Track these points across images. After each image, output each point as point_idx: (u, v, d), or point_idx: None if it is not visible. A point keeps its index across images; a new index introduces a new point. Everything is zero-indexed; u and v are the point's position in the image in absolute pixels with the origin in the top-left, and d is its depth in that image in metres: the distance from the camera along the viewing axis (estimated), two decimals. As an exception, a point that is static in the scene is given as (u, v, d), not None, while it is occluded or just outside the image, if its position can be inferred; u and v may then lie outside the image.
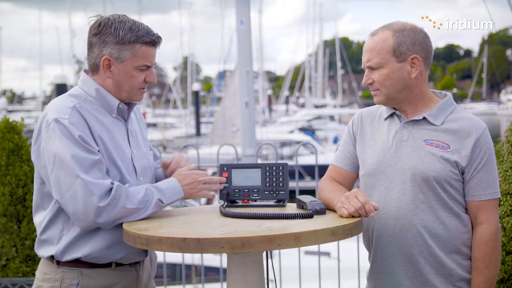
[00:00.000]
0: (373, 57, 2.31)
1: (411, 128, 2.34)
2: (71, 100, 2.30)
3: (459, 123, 2.31)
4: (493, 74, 65.22)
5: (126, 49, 2.28)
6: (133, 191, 2.23)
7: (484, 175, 2.27)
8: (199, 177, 2.37)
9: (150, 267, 2.51)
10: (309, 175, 16.53)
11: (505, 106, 42.49)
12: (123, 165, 2.32)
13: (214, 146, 17.60)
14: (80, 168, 2.16)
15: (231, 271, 2.19)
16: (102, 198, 2.15)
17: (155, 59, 2.37)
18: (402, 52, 2.29)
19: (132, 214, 2.21)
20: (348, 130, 2.54)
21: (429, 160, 2.27)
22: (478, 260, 2.28)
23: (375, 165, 2.37)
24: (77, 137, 2.19)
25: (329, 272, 4.97)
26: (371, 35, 2.35)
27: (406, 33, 2.30)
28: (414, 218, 2.28)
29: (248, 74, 10.18)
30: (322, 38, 48.89)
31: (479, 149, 2.26)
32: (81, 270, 2.28)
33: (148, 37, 2.30)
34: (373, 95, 2.37)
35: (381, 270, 2.37)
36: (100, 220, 2.16)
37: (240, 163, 2.55)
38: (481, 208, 2.28)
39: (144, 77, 2.34)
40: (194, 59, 42.81)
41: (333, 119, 33.55)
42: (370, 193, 2.38)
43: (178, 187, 2.33)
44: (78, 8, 77.07)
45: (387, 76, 2.30)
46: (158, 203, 2.27)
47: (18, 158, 3.68)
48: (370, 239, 2.41)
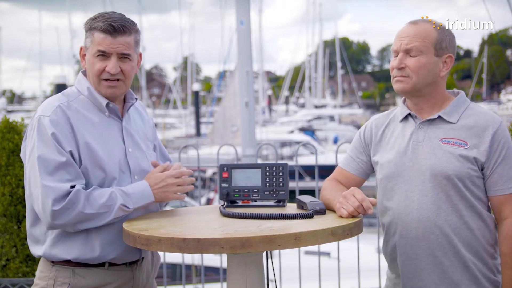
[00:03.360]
0: (416, 42, 2.28)
1: (426, 128, 2.33)
2: (59, 99, 2.34)
3: (474, 119, 2.30)
4: (493, 74, 65.19)
5: (88, 37, 2.33)
6: (96, 195, 2.22)
7: (504, 169, 2.25)
8: (171, 179, 2.35)
9: (150, 268, 2.51)
10: (309, 175, 16.53)
11: (505, 106, 42.51)
12: (111, 163, 2.32)
13: (214, 146, 17.59)
14: (44, 171, 2.18)
15: (231, 271, 2.19)
16: (57, 202, 2.16)
17: (115, 48, 2.28)
18: (441, 48, 2.31)
19: (93, 219, 2.21)
20: (359, 135, 2.52)
21: (447, 158, 2.26)
22: (506, 256, 2.25)
23: (393, 168, 2.35)
24: (50, 135, 2.21)
25: (329, 272, 4.96)
26: (412, 23, 2.34)
27: (447, 31, 2.33)
28: (437, 219, 2.26)
29: (248, 74, 10.16)
30: (322, 38, 48.95)
31: (497, 143, 2.25)
32: (74, 269, 2.30)
33: (100, 23, 2.28)
34: (398, 81, 2.32)
35: (405, 275, 2.34)
36: (57, 223, 2.18)
37: (240, 163, 2.56)
38: (504, 203, 2.26)
39: (105, 66, 2.31)
40: (194, 59, 42.81)
41: (333, 119, 33.59)
42: (389, 196, 2.36)
43: (148, 191, 2.32)
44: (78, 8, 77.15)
45: (424, 65, 2.29)
46: (122, 208, 2.25)
47: (18, 158, 3.68)
48: (392, 244, 2.37)
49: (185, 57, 45.43)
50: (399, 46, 2.32)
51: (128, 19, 2.34)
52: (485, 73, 61.34)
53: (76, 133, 2.26)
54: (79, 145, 2.26)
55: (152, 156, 2.52)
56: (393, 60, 2.35)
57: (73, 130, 2.26)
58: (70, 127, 2.26)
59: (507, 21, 66.32)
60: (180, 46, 38.70)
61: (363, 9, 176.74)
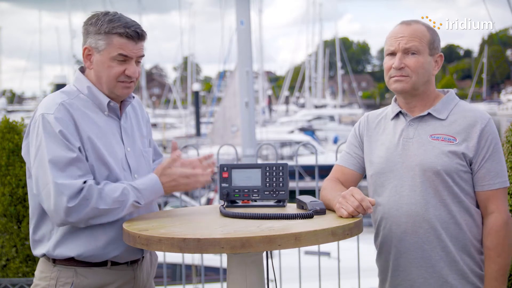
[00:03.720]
0: (414, 42, 2.33)
1: (416, 125, 2.38)
2: (61, 96, 2.33)
3: (463, 115, 2.34)
4: (493, 74, 65.21)
5: (101, 39, 2.31)
6: (108, 190, 2.22)
7: (491, 164, 2.30)
8: (183, 179, 2.35)
9: (149, 267, 2.51)
10: (309, 175, 16.55)
11: (505, 106, 42.53)
12: (114, 162, 2.33)
13: (214, 146, 17.59)
14: (55, 168, 2.18)
15: (231, 271, 2.19)
16: (72, 198, 2.16)
17: (136, 53, 2.34)
18: (434, 47, 2.38)
19: (106, 214, 2.22)
20: (354, 132, 2.57)
21: (436, 154, 2.30)
22: (490, 249, 2.29)
23: (383, 164, 2.39)
24: (57, 132, 2.21)
25: (329, 272, 4.97)
26: (405, 24, 2.38)
27: (435, 32, 2.40)
28: (425, 213, 2.30)
29: (248, 74, 10.16)
30: (322, 38, 48.95)
31: (485, 139, 2.29)
32: (76, 269, 2.29)
33: (123, 29, 2.30)
34: (398, 81, 2.35)
35: (394, 269, 2.38)
36: (71, 219, 2.18)
37: (240, 163, 2.55)
38: (491, 198, 2.30)
39: (124, 69, 2.33)
40: (194, 59, 42.82)
41: (333, 119, 33.59)
42: (379, 192, 2.40)
43: (158, 185, 2.33)
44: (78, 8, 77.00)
45: (422, 64, 2.34)
46: (135, 204, 2.27)
47: (18, 158, 3.68)
48: (382, 239, 2.41)
49: (185, 57, 45.46)
50: (397, 46, 2.34)
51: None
52: (485, 73, 61.38)
53: (80, 130, 2.27)
54: (84, 142, 2.27)
55: (149, 153, 2.54)
56: (389, 59, 2.37)
57: (77, 127, 2.27)
58: (74, 124, 2.26)
59: (507, 21, 66.33)
60: (180, 46, 38.79)
61: (363, 9, 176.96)
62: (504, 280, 2.29)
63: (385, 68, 2.41)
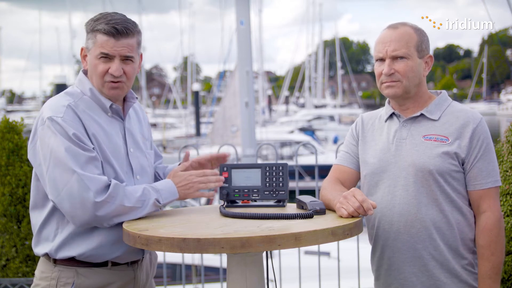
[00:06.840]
0: (401, 47, 2.34)
1: (409, 126, 2.40)
2: (66, 98, 2.32)
3: (456, 115, 2.37)
4: (493, 74, 65.22)
5: (90, 38, 2.31)
6: (131, 190, 2.24)
7: (483, 164, 2.32)
8: (194, 178, 2.37)
9: (149, 267, 2.51)
10: (309, 175, 16.54)
11: (505, 106, 42.56)
12: (118, 163, 2.33)
13: (214, 146, 17.59)
14: (76, 163, 2.16)
15: (231, 271, 2.19)
16: (99, 193, 2.15)
17: (118, 51, 2.28)
18: (422, 49, 2.38)
19: (129, 213, 2.22)
20: (351, 132, 2.59)
21: (429, 154, 2.32)
22: (483, 248, 2.31)
23: (377, 164, 2.42)
24: (71, 135, 2.20)
25: (329, 272, 4.97)
26: (392, 28, 2.39)
27: (423, 33, 2.41)
28: (418, 212, 2.32)
29: (248, 74, 10.16)
30: (322, 38, 48.96)
31: (477, 138, 2.32)
32: (77, 269, 2.29)
33: (102, 26, 2.27)
34: (389, 87, 2.38)
35: (388, 267, 2.40)
36: (100, 213, 2.16)
37: (240, 163, 2.55)
38: (483, 197, 2.32)
39: (107, 68, 2.30)
40: (194, 59, 42.81)
41: (333, 119, 33.57)
42: (373, 191, 2.42)
43: (173, 188, 2.34)
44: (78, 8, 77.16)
45: (411, 68, 2.35)
46: (156, 203, 2.28)
47: (18, 158, 3.68)
48: (376, 238, 2.44)
49: (185, 57, 45.50)
50: (385, 52, 2.36)
51: (130, 20, 2.34)
52: (485, 73, 61.39)
53: (88, 132, 2.27)
54: (92, 143, 2.26)
55: (151, 155, 2.54)
56: (379, 65, 2.40)
57: (85, 129, 2.26)
58: (83, 127, 2.26)
59: (507, 21, 66.38)
60: (180, 46, 38.83)
61: (362, 9, 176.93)
62: (497, 278, 2.31)
63: (376, 74, 2.44)
